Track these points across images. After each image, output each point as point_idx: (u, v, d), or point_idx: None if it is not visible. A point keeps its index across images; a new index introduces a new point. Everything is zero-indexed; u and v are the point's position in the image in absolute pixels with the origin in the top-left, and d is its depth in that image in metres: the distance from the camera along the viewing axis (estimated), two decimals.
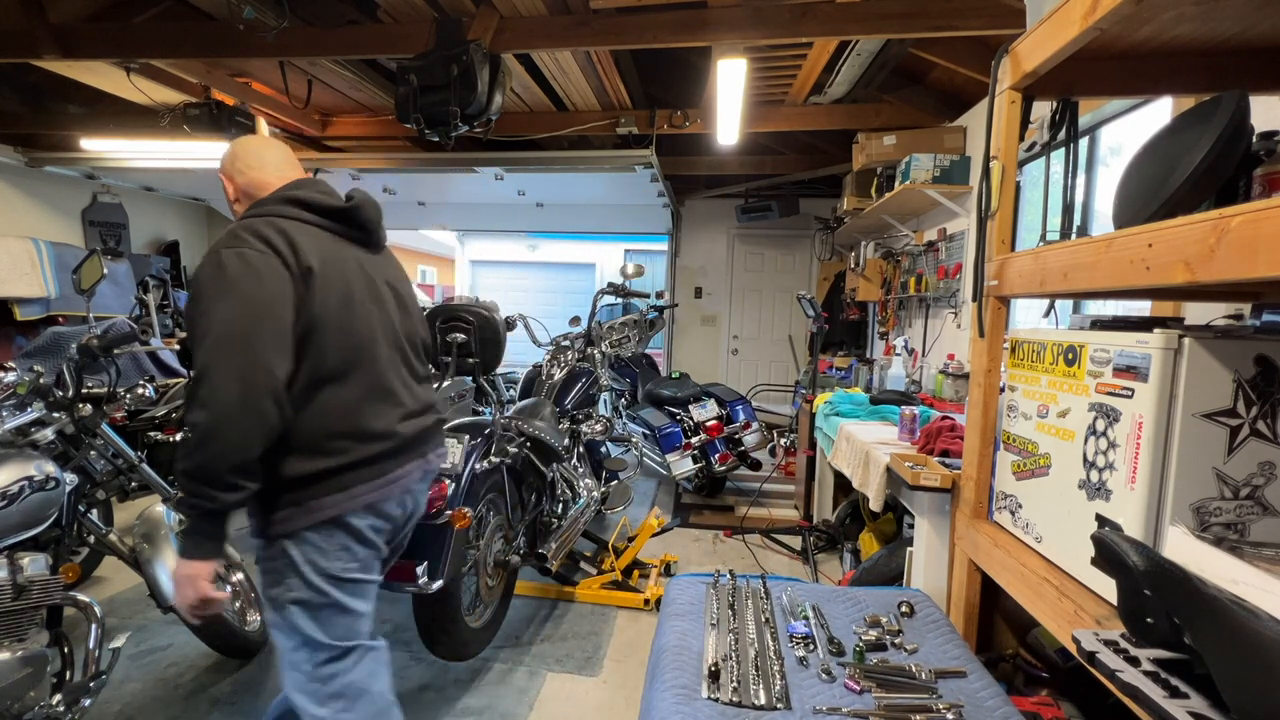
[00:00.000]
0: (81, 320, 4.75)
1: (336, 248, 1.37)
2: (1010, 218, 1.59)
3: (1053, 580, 1.31)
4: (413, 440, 1.44)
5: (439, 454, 1.56)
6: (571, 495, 2.85)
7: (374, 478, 1.35)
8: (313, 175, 1.52)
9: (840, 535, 3.25)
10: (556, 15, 3.19)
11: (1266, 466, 1.10)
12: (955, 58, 3.53)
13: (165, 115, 4.05)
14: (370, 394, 1.36)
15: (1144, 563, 0.91)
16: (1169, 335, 1.10)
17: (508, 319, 2.74)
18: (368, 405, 1.35)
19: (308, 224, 1.35)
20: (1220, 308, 1.68)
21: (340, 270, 1.34)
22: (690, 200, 6.73)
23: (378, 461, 1.36)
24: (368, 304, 1.38)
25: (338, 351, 1.30)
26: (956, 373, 3.27)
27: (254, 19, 2.91)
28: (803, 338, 6.73)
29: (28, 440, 1.80)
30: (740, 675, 1.37)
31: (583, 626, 2.64)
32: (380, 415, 1.37)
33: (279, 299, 1.22)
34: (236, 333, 1.18)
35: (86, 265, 2.31)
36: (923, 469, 1.88)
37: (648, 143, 4.53)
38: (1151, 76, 1.49)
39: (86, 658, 1.70)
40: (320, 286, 1.28)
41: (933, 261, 4.03)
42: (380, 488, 1.36)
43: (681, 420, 3.94)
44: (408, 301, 1.55)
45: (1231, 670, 0.80)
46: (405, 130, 4.61)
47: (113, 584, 2.89)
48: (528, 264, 11.30)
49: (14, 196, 4.99)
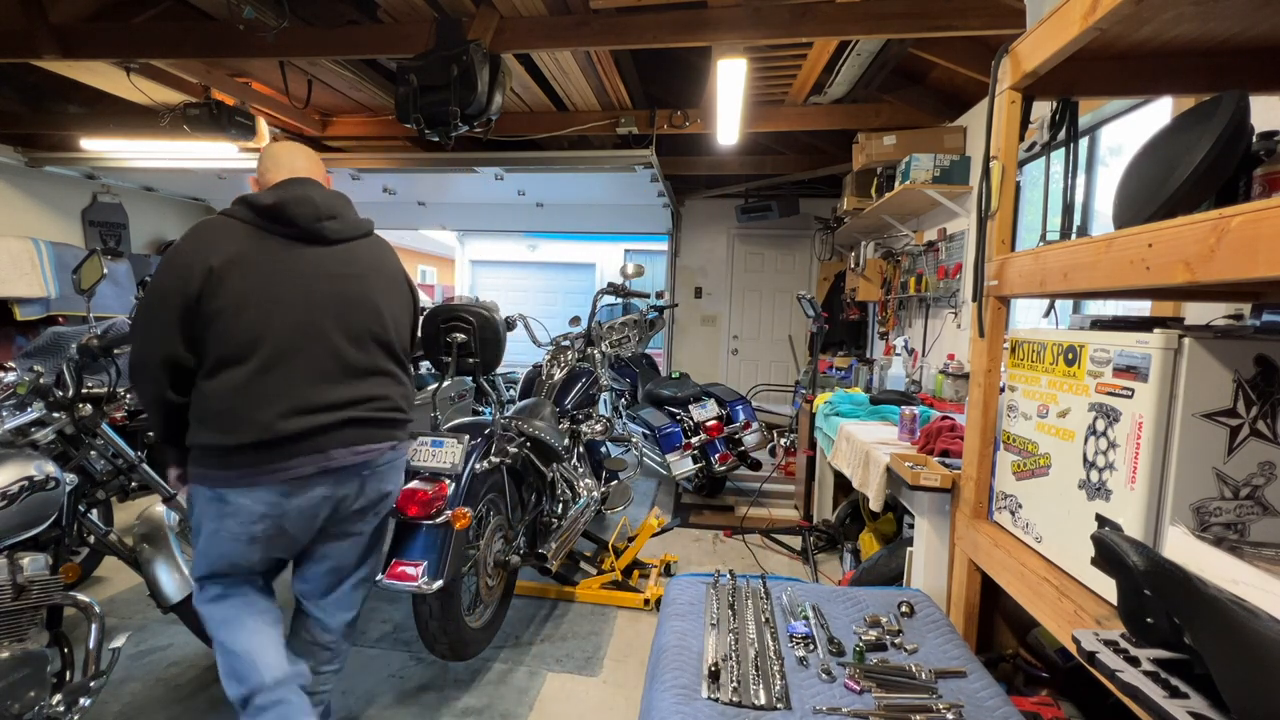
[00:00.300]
0: (81, 320, 4.74)
1: (259, 245, 1.50)
2: (1010, 218, 1.59)
3: (1053, 580, 1.31)
4: (297, 436, 1.47)
5: (358, 451, 1.55)
6: (571, 495, 2.85)
7: (246, 465, 1.45)
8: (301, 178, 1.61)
9: (840, 535, 3.25)
10: (556, 15, 3.19)
11: (1266, 466, 1.10)
12: (955, 58, 3.53)
13: (165, 115, 4.05)
14: (254, 385, 1.44)
15: (1144, 563, 0.91)
16: (1169, 335, 1.10)
17: (508, 319, 2.74)
18: (250, 395, 1.44)
19: (244, 222, 1.51)
20: (1220, 308, 1.68)
21: (249, 268, 1.47)
22: (690, 200, 6.73)
23: (254, 450, 1.44)
24: (277, 299, 1.48)
25: (232, 341, 1.44)
26: (956, 373, 3.27)
27: (254, 19, 2.91)
28: (803, 338, 6.73)
29: (28, 440, 1.80)
30: (740, 675, 1.37)
31: (583, 626, 2.64)
32: (262, 407, 1.44)
33: (171, 291, 1.43)
34: (142, 311, 1.47)
35: (86, 265, 2.30)
36: (923, 469, 1.88)
37: (648, 143, 4.53)
38: (1151, 76, 1.49)
39: (86, 658, 1.70)
40: (218, 282, 1.43)
41: (933, 261, 4.03)
42: (246, 477, 1.46)
43: (681, 420, 3.94)
44: (359, 296, 1.59)
45: (1231, 670, 0.80)
46: (405, 130, 4.61)
47: (113, 584, 2.89)
48: (528, 264, 11.30)
49: (14, 196, 4.99)
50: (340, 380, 1.54)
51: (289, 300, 1.49)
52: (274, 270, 1.49)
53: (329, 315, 1.53)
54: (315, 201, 1.55)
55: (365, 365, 1.58)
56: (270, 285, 1.48)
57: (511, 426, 2.45)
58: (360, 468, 1.57)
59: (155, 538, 2.04)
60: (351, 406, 1.55)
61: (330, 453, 1.51)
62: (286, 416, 1.46)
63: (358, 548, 1.69)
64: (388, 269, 1.70)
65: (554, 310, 10.07)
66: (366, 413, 1.57)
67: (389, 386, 1.63)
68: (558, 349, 3.31)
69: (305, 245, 1.54)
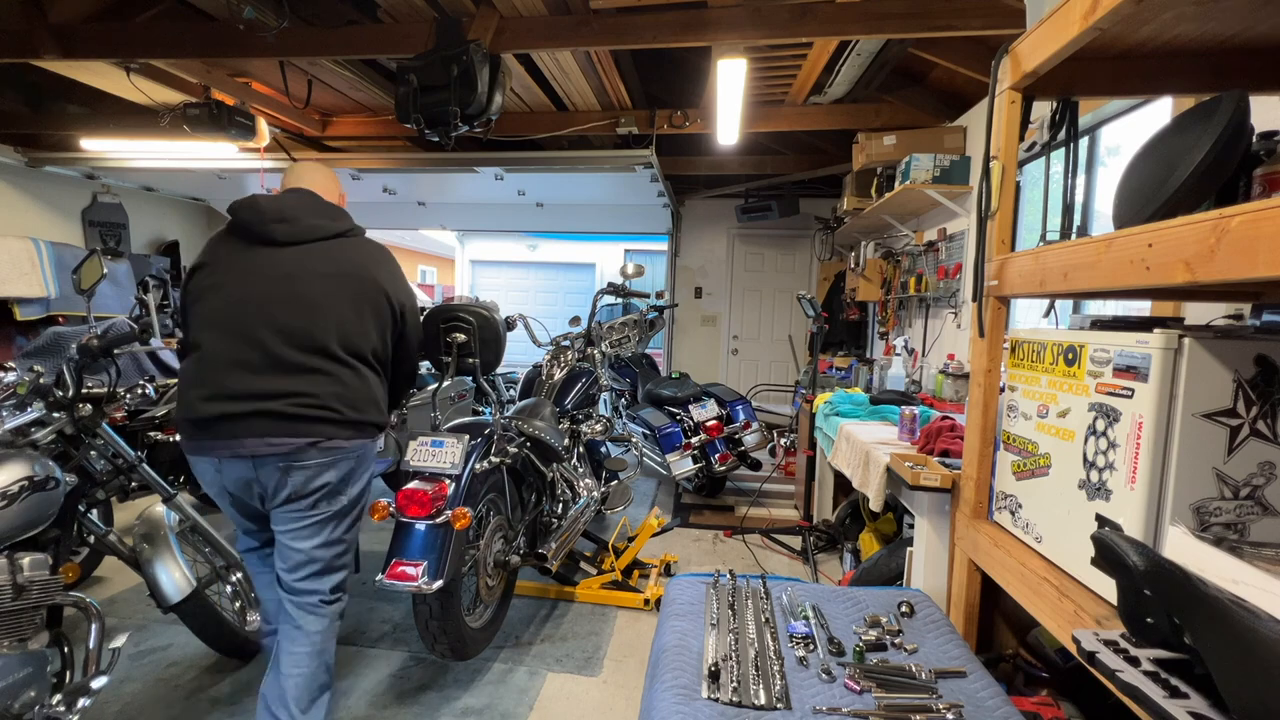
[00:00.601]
0: (81, 320, 4.75)
1: (226, 248, 1.73)
2: (1010, 218, 1.59)
3: (1053, 580, 1.31)
4: (211, 421, 1.61)
5: (271, 443, 1.61)
6: (571, 495, 2.85)
7: (186, 437, 1.67)
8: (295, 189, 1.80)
9: (840, 535, 3.25)
10: (556, 15, 3.19)
11: (1266, 466, 1.10)
12: (955, 58, 3.52)
13: (165, 115, 4.04)
14: (192, 368, 1.66)
15: (1144, 563, 0.91)
16: (1169, 335, 1.10)
17: (508, 319, 2.73)
18: (188, 376, 1.66)
19: (230, 228, 1.76)
20: (1220, 308, 1.68)
21: (214, 266, 1.70)
22: (690, 200, 6.73)
23: (189, 425, 1.65)
24: (222, 294, 1.66)
25: (189, 328, 1.69)
26: (956, 373, 3.27)
27: (254, 19, 2.91)
28: (803, 338, 6.73)
29: (28, 440, 1.80)
30: (740, 675, 1.37)
31: (583, 626, 2.64)
32: (193, 388, 1.64)
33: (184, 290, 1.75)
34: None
35: (86, 265, 2.31)
36: (923, 469, 1.88)
37: (648, 143, 4.53)
38: (1151, 76, 1.49)
39: (86, 658, 1.70)
40: (189, 278, 1.73)
41: (933, 261, 4.03)
42: (193, 447, 1.67)
43: (681, 420, 3.94)
44: (297, 295, 1.66)
45: (1231, 670, 0.80)
46: (405, 130, 4.61)
47: (113, 584, 2.89)
48: (528, 264, 11.29)
49: (14, 196, 4.99)
50: (262, 373, 1.61)
51: (229, 295, 1.65)
52: (228, 268, 1.69)
53: (261, 311, 1.63)
54: (262, 207, 1.70)
55: (294, 361, 1.63)
56: (221, 282, 1.67)
57: (511, 426, 2.45)
58: (275, 459, 1.62)
59: (155, 538, 2.05)
60: (268, 399, 1.60)
61: (243, 440, 1.60)
62: (206, 400, 1.61)
63: (304, 531, 1.71)
64: (354, 272, 1.73)
65: (554, 310, 10.08)
66: (285, 406, 1.61)
67: (319, 384, 1.65)
68: (558, 349, 3.31)
69: (261, 247, 1.70)
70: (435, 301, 5.76)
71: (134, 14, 3.56)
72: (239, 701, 2.11)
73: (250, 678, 2.24)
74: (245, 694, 2.14)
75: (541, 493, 2.70)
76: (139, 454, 2.14)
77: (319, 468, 1.67)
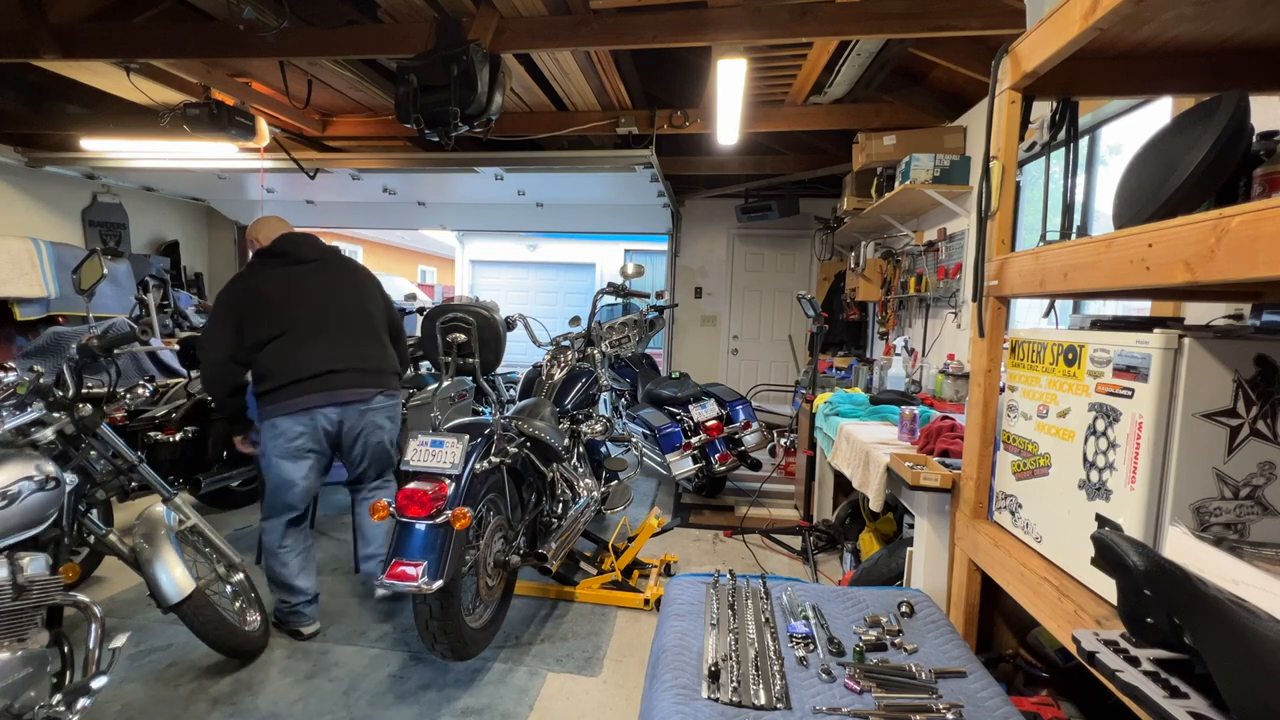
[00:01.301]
0: (81, 320, 4.74)
1: (277, 270, 2.46)
2: (1010, 218, 1.59)
3: (1053, 580, 1.31)
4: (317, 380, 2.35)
5: (359, 394, 2.45)
6: (571, 495, 2.85)
7: (287, 397, 2.34)
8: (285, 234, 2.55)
9: (840, 535, 3.25)
10: (556, 15, 3.19)
11: (1266, 466, 1.10)
12: (955, 58, 3.52)
13: (165, 115, 4.04)
14: (286, 350, 2.34)
15: (1144, 563, 0.91)
16: (1169, 335, 1.10)
17: (508, 319, 2.74)
18: (286, 357, 2.34)
19: (268, 259, 2.50)
20: (1220, 308, 1.68)
21: (271, 284, 2.42)
22: (690, 200, 6.73)
23: (294, 386, 2.34)
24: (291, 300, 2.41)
25: (267, 327, 2.35)
26: (956, 373, 3.27)
27: (254, 19, 2.91)
28: (803, 338, 6.73)
29: (28, 440, 1.80)
30: (740, 675, 1.37)
31: (583, 626, 2.64)
32: (294, 363, 2.34)
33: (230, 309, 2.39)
34: (210, 327, 2.44)
35: (86, 265, 2.31)
36: (923, 469, 1.88)
37: (648, 143, 4.53)
38: (1151, 76, 1.49)
39: (86, 658, 1.70)
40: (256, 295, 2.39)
41: (933, 261, 4.03)
42: (296, 406, 2.34)
43: (681, 420, 3.93)
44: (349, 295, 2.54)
45: (1231, 670, 0.80)
46: (405, 130, 4.61)
47: (113, 584, 2.89)
48: (528, 264, 11.29)
49: (14, 196, 4.99)
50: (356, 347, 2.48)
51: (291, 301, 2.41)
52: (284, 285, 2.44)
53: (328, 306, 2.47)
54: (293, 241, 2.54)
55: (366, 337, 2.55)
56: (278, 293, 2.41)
57: (511, 426, 2.45)
58: (359, 404, 2.47)
59: (155, 538, 2.04)
60: (360, 365, 2.46)
61: (337, 391, 2.40)
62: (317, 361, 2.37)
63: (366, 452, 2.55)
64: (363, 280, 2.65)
65: (554, 310, 10.08)
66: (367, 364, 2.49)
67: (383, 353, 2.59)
68: (558, 349, 3.31)
69: (303, 266, 2.49)
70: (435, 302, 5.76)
71: (134, 14, 3.56)
72: (239, 701, 2.11)
73: (250, 678, 2.24)
74: (245, 694, 2.14)
75: (541, 493, 2.70)
76: (139, 454, 2.14)
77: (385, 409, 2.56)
